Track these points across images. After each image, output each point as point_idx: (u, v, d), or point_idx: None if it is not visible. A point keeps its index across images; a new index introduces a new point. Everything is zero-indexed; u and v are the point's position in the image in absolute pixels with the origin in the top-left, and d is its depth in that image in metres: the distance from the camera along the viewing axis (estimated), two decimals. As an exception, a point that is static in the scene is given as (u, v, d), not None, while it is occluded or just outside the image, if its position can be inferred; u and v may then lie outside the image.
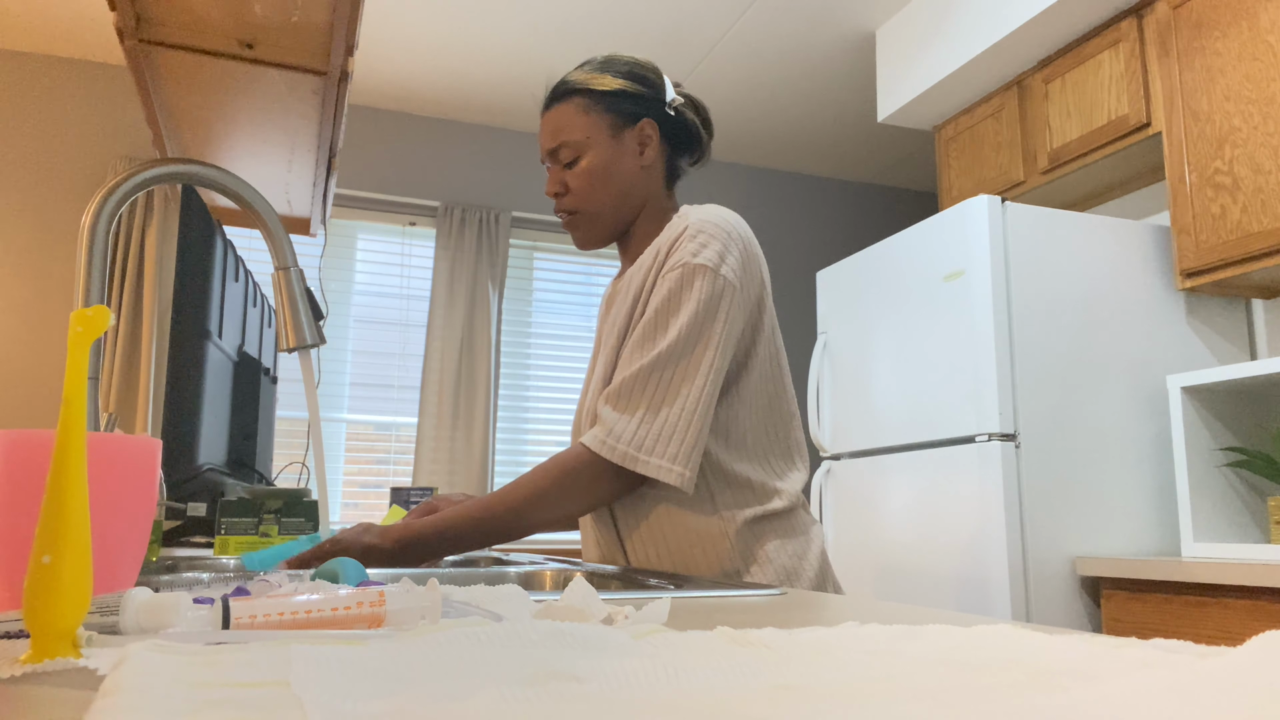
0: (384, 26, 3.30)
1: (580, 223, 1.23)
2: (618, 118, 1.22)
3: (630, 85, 1.23)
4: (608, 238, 1.25)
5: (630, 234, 1.26)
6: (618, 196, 1.22)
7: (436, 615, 0.47)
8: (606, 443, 1.07)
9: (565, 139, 1.20)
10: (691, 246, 1.12)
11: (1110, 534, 2.25)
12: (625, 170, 1.22)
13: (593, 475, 1.08)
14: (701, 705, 0.28)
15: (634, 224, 1.25)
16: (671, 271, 1.12)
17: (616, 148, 1.21)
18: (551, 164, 1.23)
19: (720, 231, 1.14)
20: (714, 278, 1.11)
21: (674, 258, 1.13)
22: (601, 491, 1.10)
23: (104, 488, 0.56)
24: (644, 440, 1.07)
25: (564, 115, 1.21)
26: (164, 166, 0.82)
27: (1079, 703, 0.28)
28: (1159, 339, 2.40)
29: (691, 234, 1.13)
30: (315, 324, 0.90)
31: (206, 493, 1.63)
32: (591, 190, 1.21)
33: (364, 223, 3.88)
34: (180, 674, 0.30)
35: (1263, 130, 2.09)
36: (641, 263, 1.20)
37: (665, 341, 1.09)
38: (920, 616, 0.58)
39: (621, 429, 1.07)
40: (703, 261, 1.11)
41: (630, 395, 1.09)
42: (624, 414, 1.08)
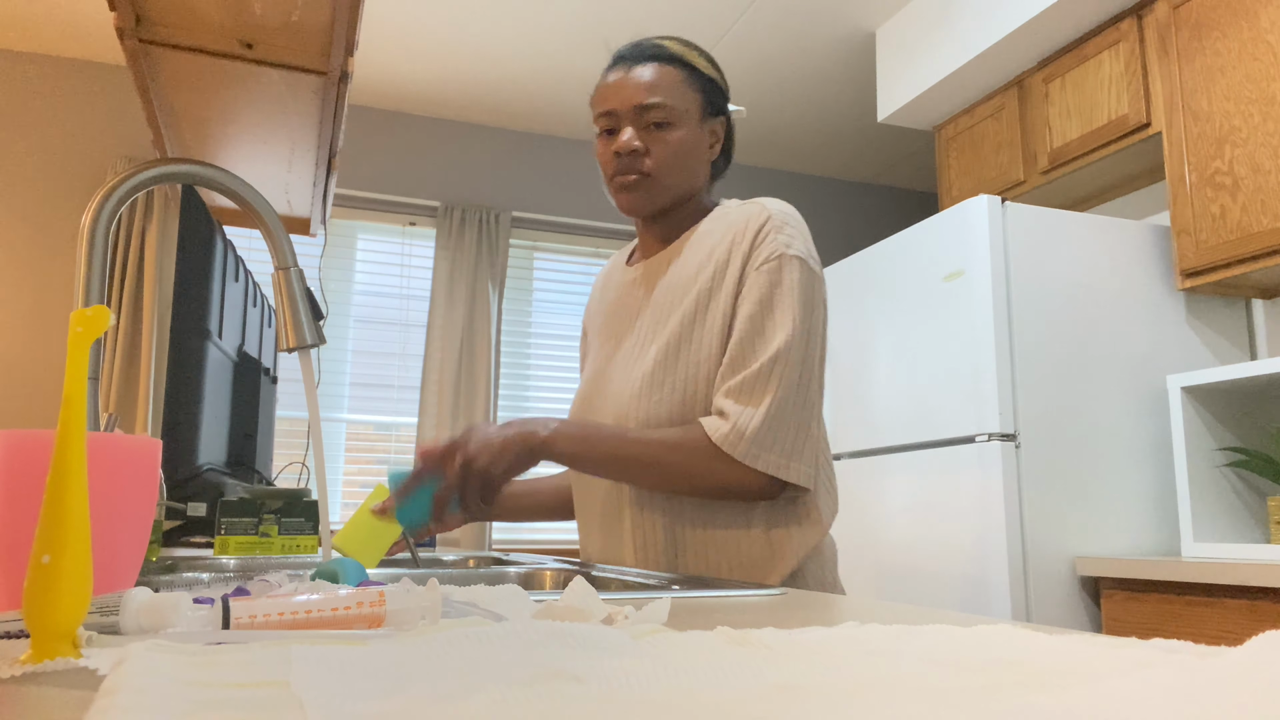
0: (384, 26, 3.30)
1: (648, 188, 1.17)
2: (707, 105, 1.20)
3: (720, 79, 1.23)
4: (660, 211, 1.21)
5: (670, 218, 1.23)
6: (687, 179, 1.19)
7: (436, 615, 0.47)
8: (729, 438, 1.03)
9: (665, 100, 1.15)
10: (782, 239, 1.10)
11: (1110, 534, 2.25)
12: (699, 157, 1.20)
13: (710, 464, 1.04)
14: (701, 705, 0.28)
15: (677, 210, 1.23)
16: (769, 262, 1.09)
17: (699, 133, 1.19)
18: (633, 119, 1.16)
19: (801, 225, 1.14)
20: (809, 270, 1.10)
21: (766, 248, 1.10)
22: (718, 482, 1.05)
23: (104, 488, 0.56)
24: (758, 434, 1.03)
25: (667, 77, 1.16)
26: (164, 166, 0.82)
27: (1079, 703, 0.28)
28: (1159, 339, 2.40)
29: (778, 225, 1.12)
30: (315, 324, 0.90)
31: (206, 493, 1.63)
32: (675, 162, 1.17)
33: (364, 223, 3.88)
34: (180, 674, 0.30)
35: (1263, 130, 2.09)
36: (702, 243, 1.17)
37: (782, 335, 1.06)
38: (920, 616, 0.58)
39: (746, 423, 1.03)
40: (797, 253, 1.10)
41: (753, 391, 1.05)
42: (748, 407, 1.04)
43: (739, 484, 1.05)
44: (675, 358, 1.12)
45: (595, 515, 1.22)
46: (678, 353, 1.12)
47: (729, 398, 1.06)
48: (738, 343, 1.08)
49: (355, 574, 0.69)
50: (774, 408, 1.04)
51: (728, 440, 1.03)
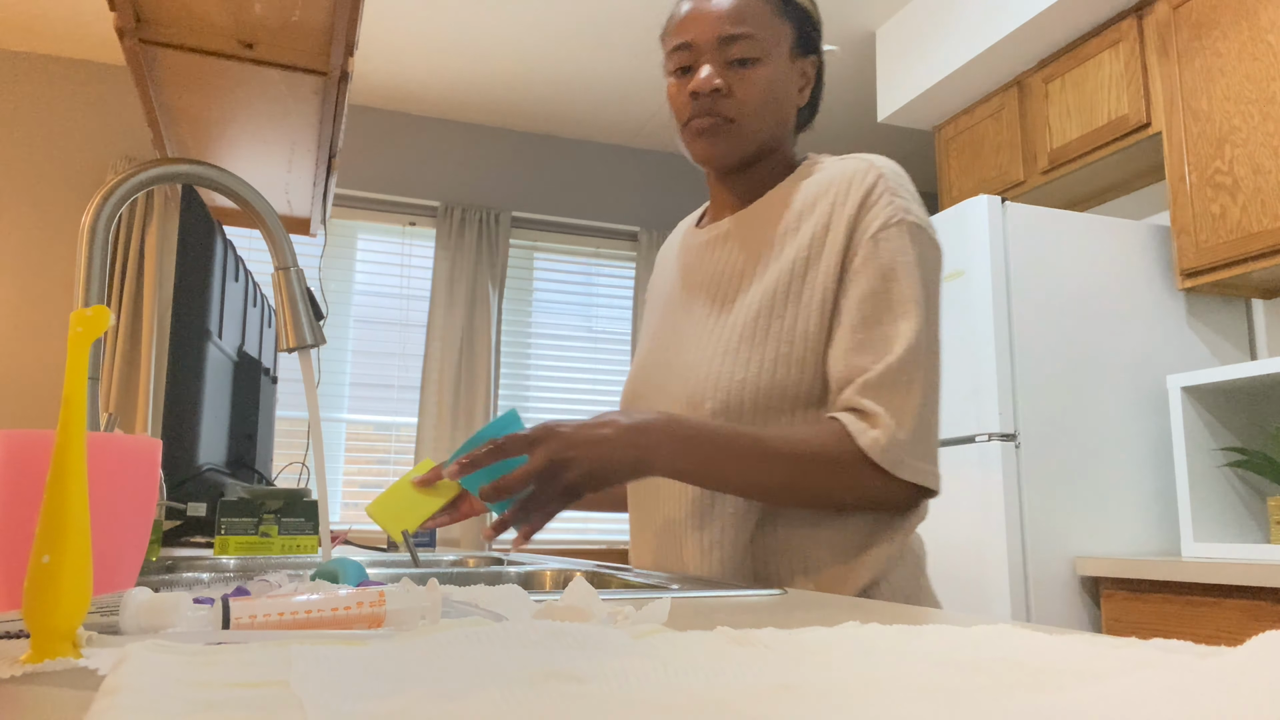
0: (384, 26, 3.30)
1: (732, 134, 1.01)
2: (799, 40, 1.05)
3: (814, 10, 1.08)
4: (744, 162, 1.04)
5: (748, 172, 1.07)
6: (775, 124, 1.03)
7: (436, 615, 0.47)
8: (880, 445, 0.89)
9: (752, 32, 0.99)
10: (899, 202, 0.96)
11: (1110, 534, 2.25)
12: (789, 100, 1.04)
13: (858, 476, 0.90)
14: (701, 705, 0.28)
15: (760, 163, 1.06)
16: (886, 229, 0.94)
17: (789, 72, 1.03)
18: (713, 54, 1.00)
19: (910, 183, 0.99)
20: (932, 242, 0.97)
21: (880, 212, 0.95)
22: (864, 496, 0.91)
23: (104, 488, 0.56)
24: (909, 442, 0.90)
25: (754, 4, 1.01)
26: (164, 166, 0.82)
27: (1079, 703, 0.28)
28: (1159, 339, 2.40)
29: (892, 187, 0.97)
30: (315, 324, 0.90)
31: (206, 493, 1.63)
32: (763, 104, 1.00)
33: (364, 223, 3.88)
34: (180, 674, 0.30)
35: (1263, 130, 2.09)
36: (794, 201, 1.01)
37: (915, 320, 0.92)
38: (920, 616, 0.58)
39: (897, 429, 0.89)
40: (917, 220, 0.96)
41: (895, 388, 0.91)
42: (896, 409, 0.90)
43: (888, 498, 0.91)
44: (765, 331, 0.97)
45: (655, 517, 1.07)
46: (768, 326, 0.97)
47: (868, 396, 0.91)
48: (862, 325, 0.93)
49: (355, 574, 0.69)
50: (921, 410, 0.91)
51: (878, 447, 0.89)
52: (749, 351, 0.97)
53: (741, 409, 0.96)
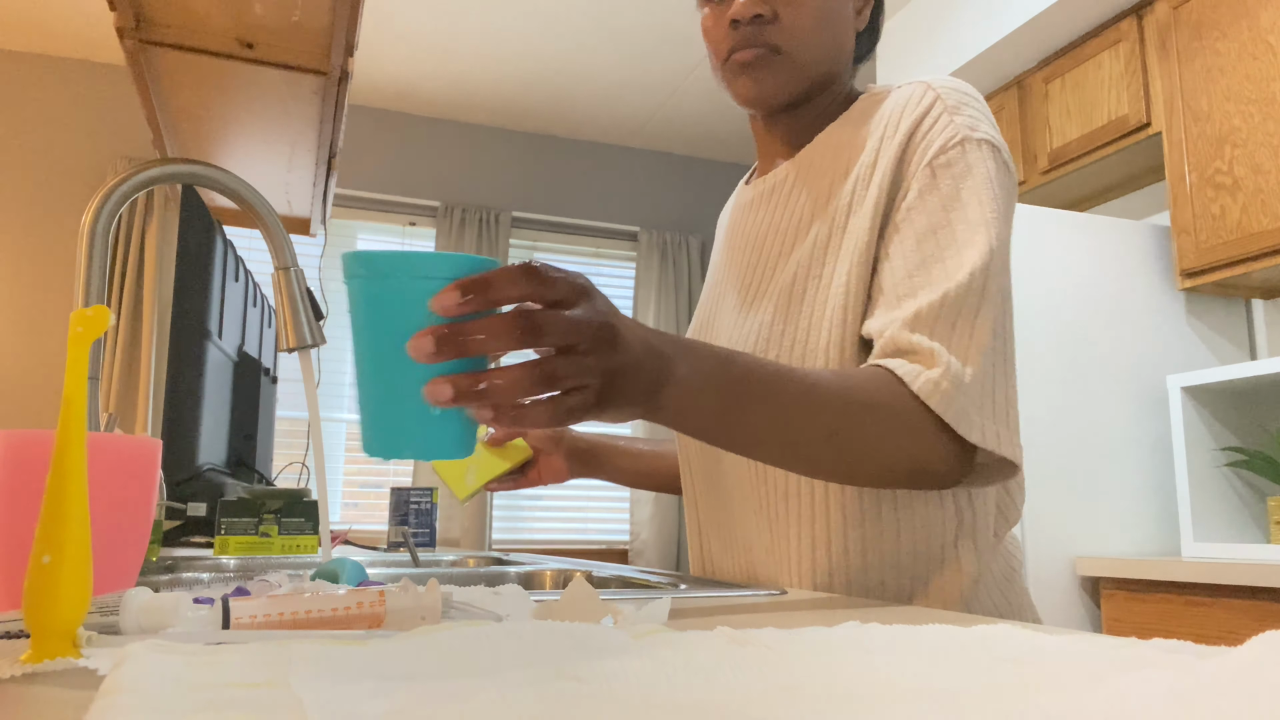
0: (384, 26, 3.30)
1: (781, 66, 0.86)
2: None
3: None
4: (796, 99, 0.89)
5: (797, 114, 0.92)
6: (830, 54, 0.88)
7: (436, 615, 0.47)
8: (940, 388, 0.69)
9: None
10: (961, 120, 0.80)
11: (1110, 534, 2.25)
12: (845, 26, 0.90)
13: (914, 429, 0.69)
14: (701, 705, 0.28)
15: (813, 102, 0.92)
16: (948, 151, 0.79)
17: None
18: None
19: (984, 105, 0.84)
20: (1004, 164, 0.81)
21: (940, 134, 0.80)
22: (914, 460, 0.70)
23: (104, 488, 0.56)
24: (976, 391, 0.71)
25: None
26: (164, 166, 0.82)
27: (1079, 703, 0.28)
28: (1159, 339, 2.40)
29: (952, 105, 0.82)
30: (315, 324, 0.90)
31: (206, 493, 1.63)
32: (813, 29, 0.86)
33: (364, 223, 3.88)
34: (180, 674, 0.30)
35: (1263, 130, 2.09)
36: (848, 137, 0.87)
37: (980, 250, 0.75)
38: (920, 616, 0.58)
39: (960, 371, 0.70)
40: (985, 136, 0.80)
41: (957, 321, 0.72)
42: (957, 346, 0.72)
43: (947, 469, 0.71)
44: (800, 296, 0.82)
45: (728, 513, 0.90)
46: (803, 290, 0.82)
47: (921, 330, 0.72)
48: (920, 261, 0.76)
49: (355, 574, 0.69)
50: (990, 352, 0.73)
51: (938, 392, 0.69)
52: (783, 324, 0.82)
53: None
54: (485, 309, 0.50)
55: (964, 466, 0.73)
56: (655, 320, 4.07)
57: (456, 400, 0.50)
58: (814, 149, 0.90)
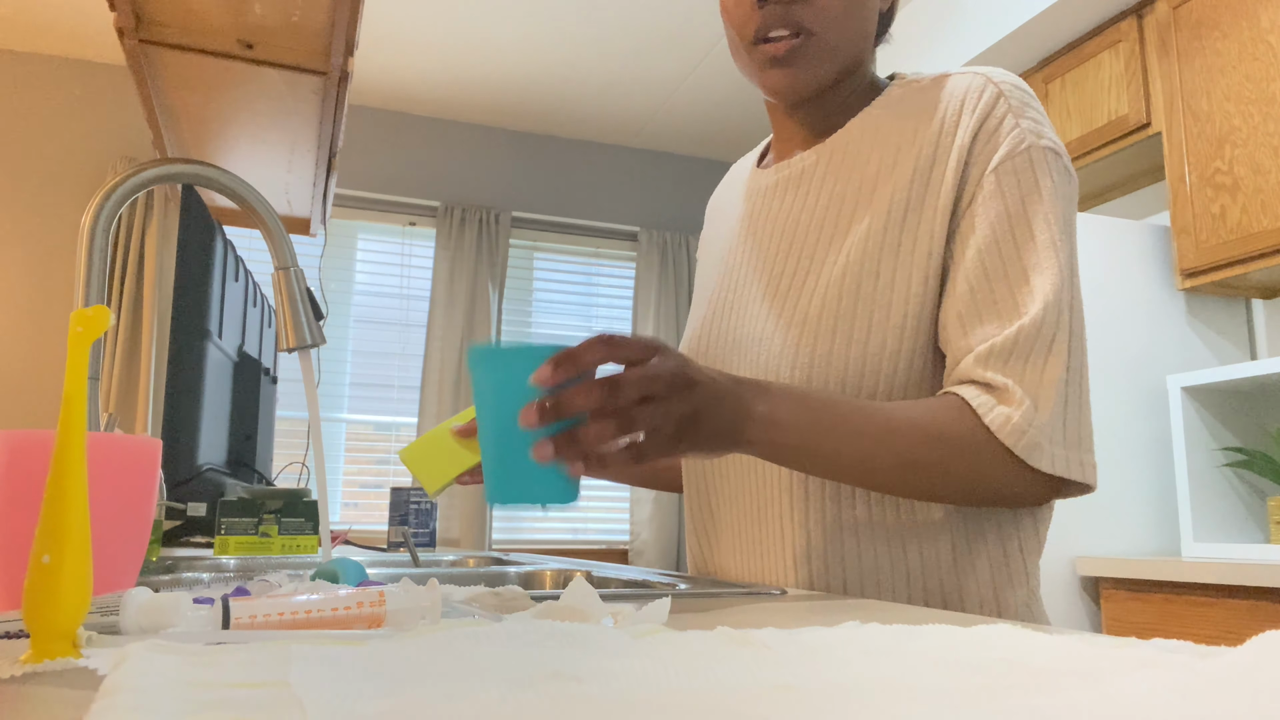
0: (384, 26, 3.30)
1: (812, 52, 0.83)
2: None
3: None
4: (827, 84, 0.86)
5: (823, 99, 0.89)
6: (859, 37, 0.85)
7: (436, 615, 0.47)
8: (1018, 428, 0.71)
9: None
10: (1027, 124, 0.78)
11: (1110, 534, 2.25)
12: (871, 8, 0.87)
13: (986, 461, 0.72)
14: (701, 705, 0.28)
15: (839, 86, 0.89)
16: (1014, 158, 0.77)
17: None
18: None
19: (1039, 103, 0.83)
20: (1068, 174, 0.79)
21: (1006, 138, 0.78)
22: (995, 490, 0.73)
23: (104, 488, 0.56)
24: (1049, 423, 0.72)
25: None
26: (164, 166, 0.82)
27: (1079, 703, 0.28)
28: (1159, 339, 2.40)
29: (1017, 106, 0.79)
30: (315, 324, 0.90)
31: (206, 493, 1.64)
32: (845, 12, 0.83)
33: (364, 223, 3.88)
34: (180, 674, 0.30)
35: (1263, 130, 2.09)
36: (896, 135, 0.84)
37: (1051, 273, 0.75)
38: (920, 616, 0.58)
39: (1034, 410, 0.72)
40: (1050, 145, 0.78)
41: (1030, 358, 0.73)
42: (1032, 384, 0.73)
43: (1023, 492, 0.74)
44: (855, 293, 0.79)
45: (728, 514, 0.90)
46: (857, 287, 0.79)
47: (994, 368, 0.73)
48: (984, 280, 0.76)
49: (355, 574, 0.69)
50: (1064, 384, 0.74)
51: (1009, 426, 0.71)
52: (835, 320, 0.79)
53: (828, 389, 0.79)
54: (575, 376, 0.61)
55: (1043, 489, 0.75)
56: (655, 320, 4.07)
57: (555, 455, 0.61)
58: (847, 135, 0.87)
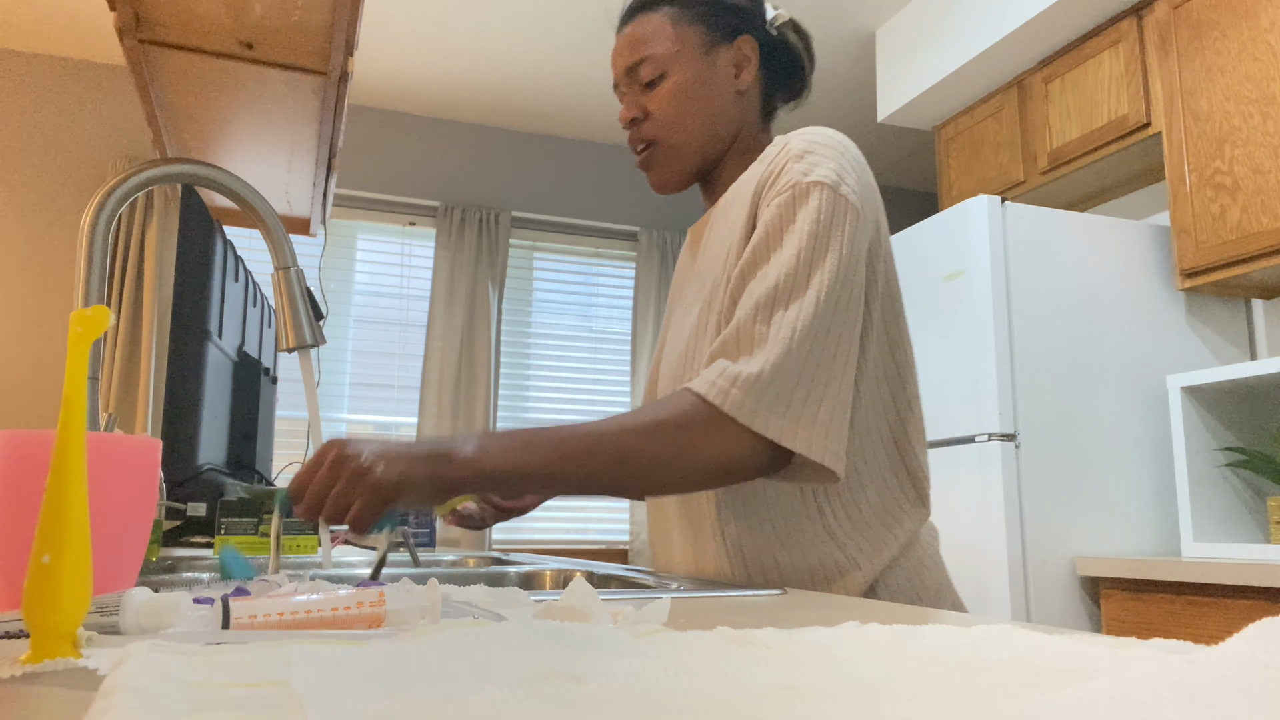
0: (384, 26, 3.30)
1: (660, 157, 1.01)
2: (712, 31, 1.02)
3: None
4: (690, 176, 1.03)
5: (717, 174, 1.05)
6: (706, 125, 1.01)
7: (436, 615, 0.47)
8: (719, 387, 0.81)
9: (648, 53, 1.00)
10: (801, 166, 0.91)
11: (1110, 534, 2.25)
12: (717, 94, 1.01)
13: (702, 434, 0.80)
14: (701, 705, 0.28)
15: (722, 162, 1.04)
16: (780, 196, 0.90)
17: (709, 66, 1.01)
18: (628, 86, 1.02)
19: (832, 150, 0.93)
20: (836, 196, 0.89)
21: (781, 180, 0.91)
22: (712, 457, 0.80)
23: (104, 488, 0.56)
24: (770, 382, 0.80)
25: (648, 26, 1.02)
26: (164, 166, 0.82)
27: (1079, 703, 0.28)
28: (1159, 339, 2.40)
29: (798, 154, 0.92)
30: (315, 324, 0.90)
31: (206, 493, 1.63)
32: (678, 115, 1.00)
33: (364, 223, 3.88)
34: (180, 674, 0.30)
35: (1263, 130, 2.09)
36: (737, 194, 0.99)
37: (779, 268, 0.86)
38: (920, 616, 0.58)
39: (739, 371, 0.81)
40: (817, 179, 0.90)
41: (747, 339, 0.83)
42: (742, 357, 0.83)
43: (737, 457, 0.81)
44: (706, 327, 0.95)
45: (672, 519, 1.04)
46: (708, 321, 0.95)
47: (719, 355, 0.85)
48: (740, 285, 0.89)
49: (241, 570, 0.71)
50: (794, 349, 0.81)
51: (717, 390, 0.80)
52: (696, 348, 0.95)
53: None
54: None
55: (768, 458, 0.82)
56: (655, 319, 4.07)
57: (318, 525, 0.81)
58: (727, 197, 1.02)
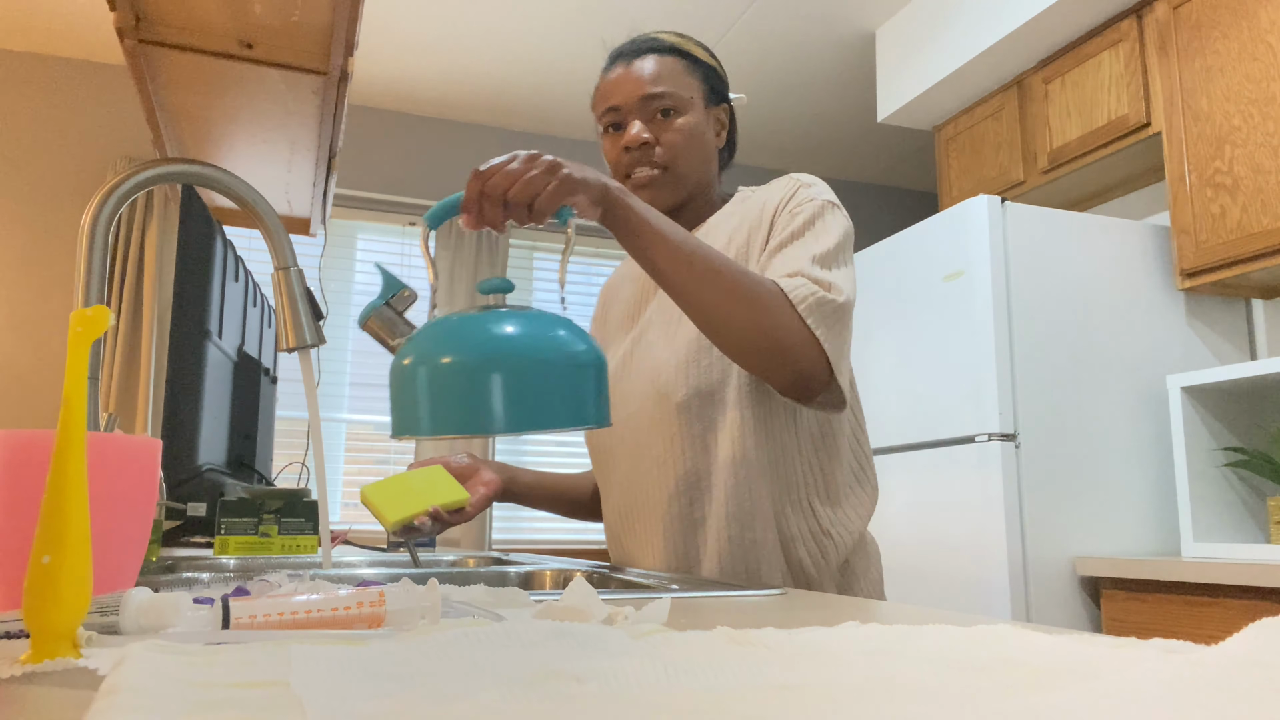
0: (384, 26, 3.30)
1: (665, 182, 1.14)
2: (710, 91, 1.18)
3: (718, 67, 1.22)
4: (677, 207, 1.18)
5: (681, 213, 1.19)
6: (701, 166, 1.16)
7: (436, 615, 0.47)
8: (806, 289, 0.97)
9: (670, 89, 1.13)
10: (813, 191, 1.09)
11: (1110, 534, 2.25)
12: (709, 144, 1.18)
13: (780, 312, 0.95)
14: (701, 705, 0.28)
15: (689, 201, 1.19)
16: (808, 204, 1.07)
17: (705, 119, 1.17)
18: (640, 113, 1.14)
19: (828, 189, 1.12)
20: (844, 214, 1.08)
21: (799, 195, 1.09)
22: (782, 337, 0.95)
23: (104, 488, 0.56)
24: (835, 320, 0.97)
25: (668, 66, 1.15)
26: (164, 166, 0.82)
27: (1079, 702, 0.28)
28: (1159, 339, 2.40)
29: (806, 183, 1.11)
30: (315, 324, 0.90)
31: (206, 493, 1.63)
32: (688, 149, 1.14)
33: (364, 223, 3.88)
34: (180, 674, 0.30)
35: (1263, 130, 2.09)
36: (729, 227, 1.14)
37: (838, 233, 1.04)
38: (920, 616, 0.58)
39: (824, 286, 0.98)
40: (830, 200, 1.08)
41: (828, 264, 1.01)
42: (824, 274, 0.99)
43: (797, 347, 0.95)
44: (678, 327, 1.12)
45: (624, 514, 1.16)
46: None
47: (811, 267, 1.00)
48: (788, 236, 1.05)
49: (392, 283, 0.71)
50: (850, 297, 0.99)
51: (802, 289, 0.96)
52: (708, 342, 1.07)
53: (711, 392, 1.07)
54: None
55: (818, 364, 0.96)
56: (655, 320, 4.08)
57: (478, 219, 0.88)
58: (726, 214, 1.17)
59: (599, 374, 0.75)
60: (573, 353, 0.73)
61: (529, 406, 0.70)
